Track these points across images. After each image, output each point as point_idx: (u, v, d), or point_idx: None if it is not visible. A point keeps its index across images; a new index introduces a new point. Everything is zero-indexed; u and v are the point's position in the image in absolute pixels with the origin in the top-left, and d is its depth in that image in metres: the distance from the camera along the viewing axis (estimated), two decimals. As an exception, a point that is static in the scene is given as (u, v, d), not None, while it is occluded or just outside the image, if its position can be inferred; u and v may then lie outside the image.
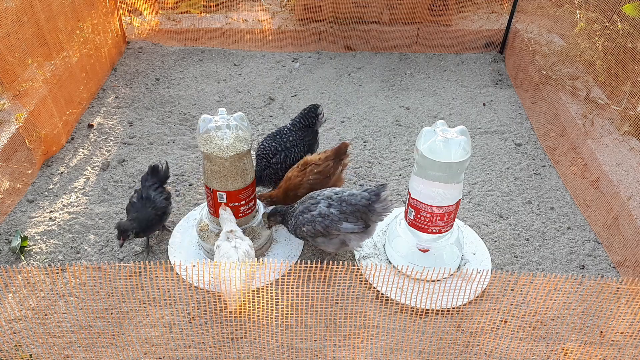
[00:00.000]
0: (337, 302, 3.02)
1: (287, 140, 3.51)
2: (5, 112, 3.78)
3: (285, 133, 3.54)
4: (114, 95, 4.92)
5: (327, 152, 3.29)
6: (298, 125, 3.57)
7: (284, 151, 3.47)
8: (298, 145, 3.52)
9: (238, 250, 2.74)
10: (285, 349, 2.73)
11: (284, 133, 3.55)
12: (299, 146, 3.53)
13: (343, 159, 3.30)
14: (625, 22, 4.08)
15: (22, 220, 3.50)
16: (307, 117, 3.58)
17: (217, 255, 2.79)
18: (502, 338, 2.63)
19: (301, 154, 3.49)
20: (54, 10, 4.17)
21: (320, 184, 3.23)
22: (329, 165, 3.24)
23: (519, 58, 5.26)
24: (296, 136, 3.53)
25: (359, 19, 5.66)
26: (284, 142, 3.50)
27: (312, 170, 3.23)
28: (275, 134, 3.57)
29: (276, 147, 3.47)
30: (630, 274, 3.16)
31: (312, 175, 3.22)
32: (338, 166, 3.30)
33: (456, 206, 2.93)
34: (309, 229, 2.89)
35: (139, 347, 2.77)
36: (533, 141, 4.43)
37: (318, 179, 3.23)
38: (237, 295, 2.62)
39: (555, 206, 3.76)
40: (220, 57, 5.57)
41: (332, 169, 3.26)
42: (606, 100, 4.14)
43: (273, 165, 3.45)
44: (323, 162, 3.24)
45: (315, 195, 2.95)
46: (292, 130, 3.56)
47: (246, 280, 2.61)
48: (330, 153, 3.26)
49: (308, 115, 3.58)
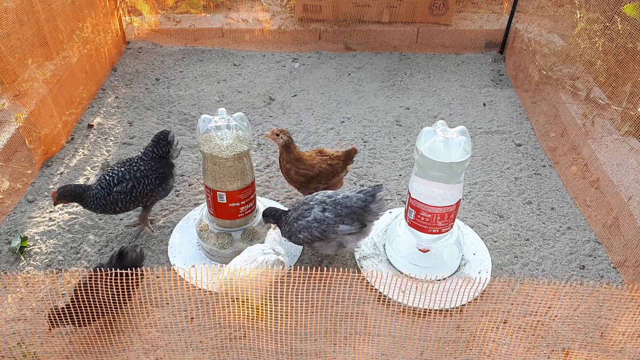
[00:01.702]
0: (337, 302, 3.02)
1: (138, 169, 3.21)
2: (5, 112, 3.78)
3: (137, 162, 3.25)
4: (113, 95, 4.91)
5: (338, 152, 3.39)
6: (150, 155, 3.27)
7: (132, 180, 3.17)
8: (149, 176, 3.22)
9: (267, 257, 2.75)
10: (285, 349, 2.73)
11: (134, 162, 3.25)
12: (150, 177, 3.23)
13: (349, 163, 3.41)
14: (625, 22, 4.08)
15: (22, 220, 3.50)
16: (158, 146, 3.26)
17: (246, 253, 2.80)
18: (502, 338, 2.62)
19: (152, 187, 3.25)
20: (54, 11, 4.17)
21: (325, 177, 3.34)
22: (338, 165, 3.36)
23: (519, 58, 5.26)
24: (148, 166, 3.23)
25: (359, 19, 5.66)
26: (134, 171, 3.20)
27: (325, 161, 3.33)
28: (126, 161, 3.28)
29: (124, 175, 3.18)
30: (631, 274, 3.16)
31: (324, 164, 3.32)
32: (344, 169, 3.41)
33: (456, 206, 2.93)
34: (306, 235, 2.88)
35: (138, 347, 2.77)
36: (533, 141, 4.43)
37: (326, 171, 3.33)
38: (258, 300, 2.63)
39: (555, 206, 3.76)
40: (220, 57, 5.57)
41: (340, 169, 3.38)
42: (606, 101, 4.14)
43: (114, 194, 3.14)
44: (335, 159, 3.35)
45: (307, 200, 2.95)
46: (144, 160, 3.25)
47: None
48: (342, 154, 3.38)
49: (159, 144, 3.26)
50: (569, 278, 3.22)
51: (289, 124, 4.56)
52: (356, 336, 2.84)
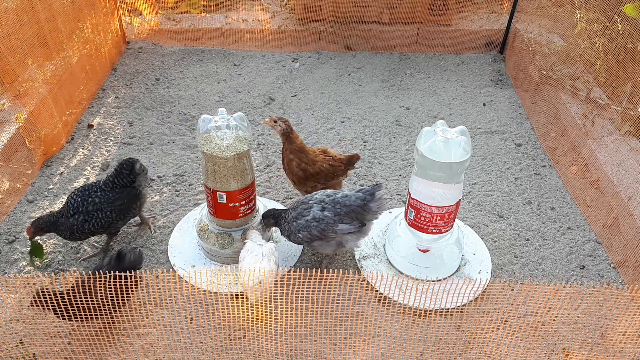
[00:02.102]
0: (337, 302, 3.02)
1: (92, 201, 3.00)
2: (6, 112, 3.78)
3: (95, 191, 3.05)
4: (113, 95, 4.91)
5: (341, 156, 3.42)
6: (110, 185, 3.07)
7: (83, 214, 2.97)
8: (104, 209, 3.02)
9: (263, 248, 2.78)
10: (285, 349, 2.73)
11: (93, 191, 3.05)
12: (106, 211, 3.02)
13: (350, 168, 3.44)
14: (625, 22, 4.08)
15: (22, 220, 3.50)
16: (120, 176, 3.08)
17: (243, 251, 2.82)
18: (502, 338, 2.62)
19: (108, 220, 3.05)
20: (54, 11, 4.17)
21: (324, 177, 3.35)
22: (339, 167, 3.37)
23: (519, 58, 5.26)
24: (104, 198, 3.03)
25: (359, 19, 5.66)
26: (88, 203, 3.00)
27: (328, 161, 3.35)
28: (86, 188, 3.08)
29: (78, 206, 2.99)
30: (631, 274, 3.16)
31: (326, 164, 3.34)
32: (344, 173, 3.44)
33: (456, 206, 2.93)
34: (305, 234, 2.88)
35: (138, 348, 2.77)
36: (533, 141, 4.43)
37: (326, 171, 3.34)
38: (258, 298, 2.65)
39: (555, 206, 3.76)
40: (220, 57, 5.57)
41: (340, 172, 3.40)
42: (606, 101, 4.13)
43: (67, 223, 2.99)
44: (337, 161, 3.37)
45: (307, 200, 2.95)
46: (103, 190, 3.05)
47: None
48: (344, 158, 3.40)
49: (121, 174, 3.08)
50: (569, 278, 3.22)
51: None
52: (356, 336, 2.85)
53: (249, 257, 2.73)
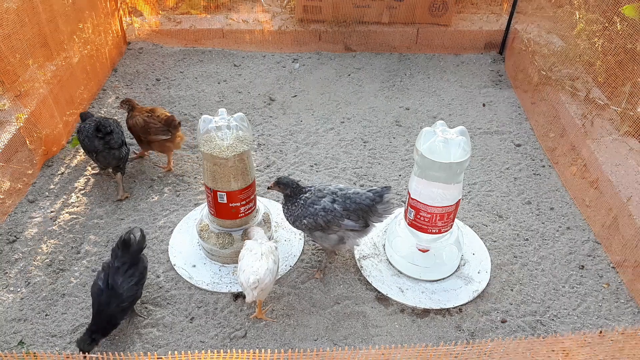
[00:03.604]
0: (337, 302, 3.03)
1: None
2: (6, 113, 3.79)
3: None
4: (114, 95, 4.92)
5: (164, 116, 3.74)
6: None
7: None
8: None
9: (262, 246, 2.79)
10: (285, 348, 2.74)
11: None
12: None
13: (174, 132, 3.74)
14: (624, 23, 4.09)
15: (23, 220, 3.50)
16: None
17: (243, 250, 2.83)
18: (502, 338, 2.63)
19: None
20: (55, 11, 4.18)
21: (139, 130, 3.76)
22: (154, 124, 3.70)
23: (518, 59, 5.27)
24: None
25: (358, 20, 5.67)
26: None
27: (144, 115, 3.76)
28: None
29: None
30: (630, 274, 3.17)
31: (141, 117, 3.75)
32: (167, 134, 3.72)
33: (456, 206, 2.94)
34: (310, 221, 2.90)
35: (139, 348, 2.78)
36: (532, 141, 4.44)
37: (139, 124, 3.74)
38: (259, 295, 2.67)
39: (554, 206, 3.77)
40: (221, 57, 5.58)
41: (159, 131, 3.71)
42: (606, 101, 4.14)
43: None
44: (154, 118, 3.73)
45: (322, 188, 2.97)
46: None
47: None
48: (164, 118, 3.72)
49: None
50: (568, 278, 3.23)
51: (289, 124, 4.57)
52: (355, 336, 2.86)
53: (248, 256, 2.74)
